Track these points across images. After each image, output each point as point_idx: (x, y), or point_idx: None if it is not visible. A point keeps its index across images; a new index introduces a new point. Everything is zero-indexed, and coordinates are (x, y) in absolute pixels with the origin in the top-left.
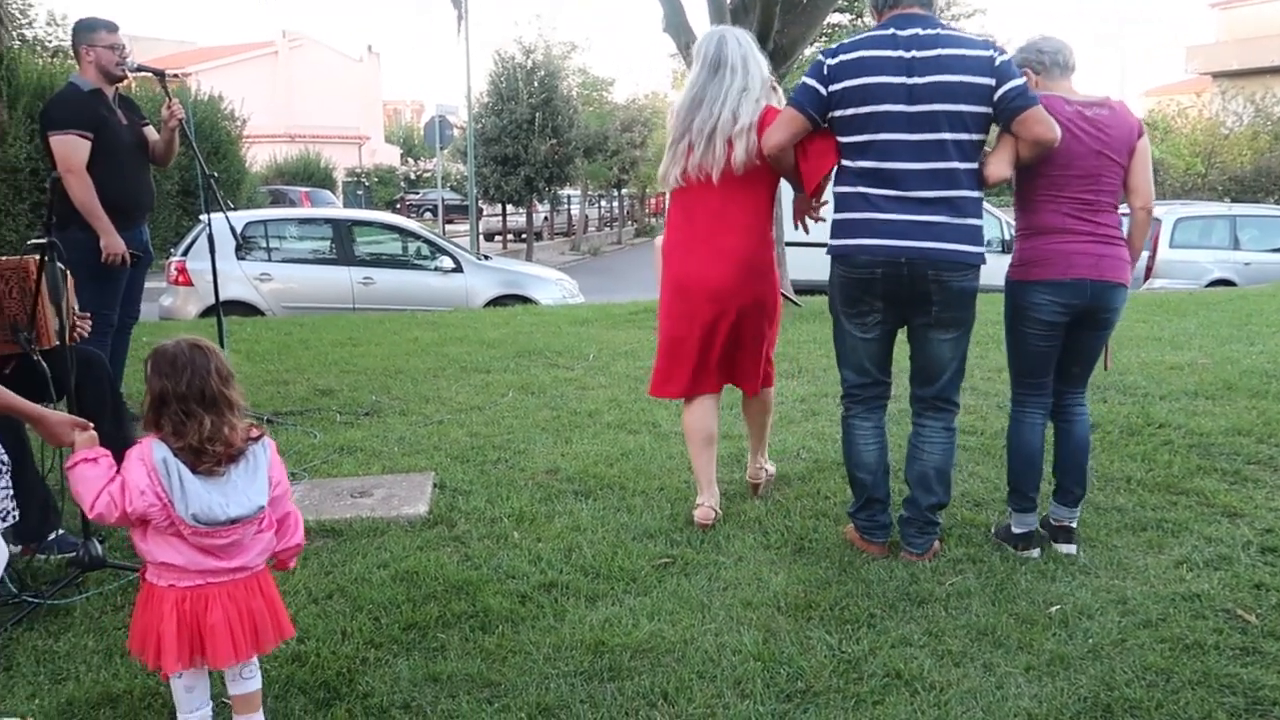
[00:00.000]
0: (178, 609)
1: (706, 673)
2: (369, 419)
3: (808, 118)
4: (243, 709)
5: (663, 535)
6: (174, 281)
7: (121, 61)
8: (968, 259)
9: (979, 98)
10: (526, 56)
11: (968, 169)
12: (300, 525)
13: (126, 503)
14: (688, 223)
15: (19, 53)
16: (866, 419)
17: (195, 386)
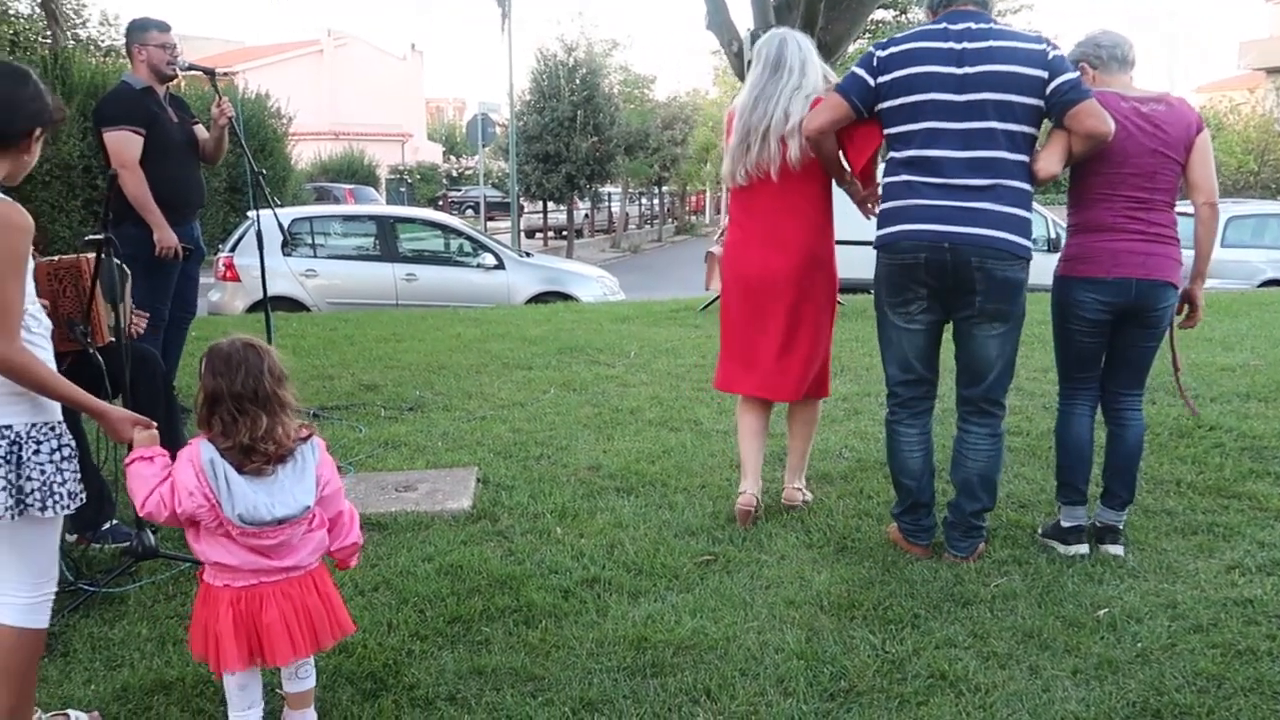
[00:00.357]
0: (234, 609)
1: (749, 670)
2: (413, 414)
3: (851, 105)
4: (296, 705)
5: (705, 533)
6: (222, 277)
7: (173, 60)
8: (1013, 248)
9: (1030, 89)
10: (568, 54)
11: (1017, 160)
12: (356, 523)
13: (175, 503)
14: (748, 218)
15: (73, 52)
16: (911, 425)
17: (248, 386)
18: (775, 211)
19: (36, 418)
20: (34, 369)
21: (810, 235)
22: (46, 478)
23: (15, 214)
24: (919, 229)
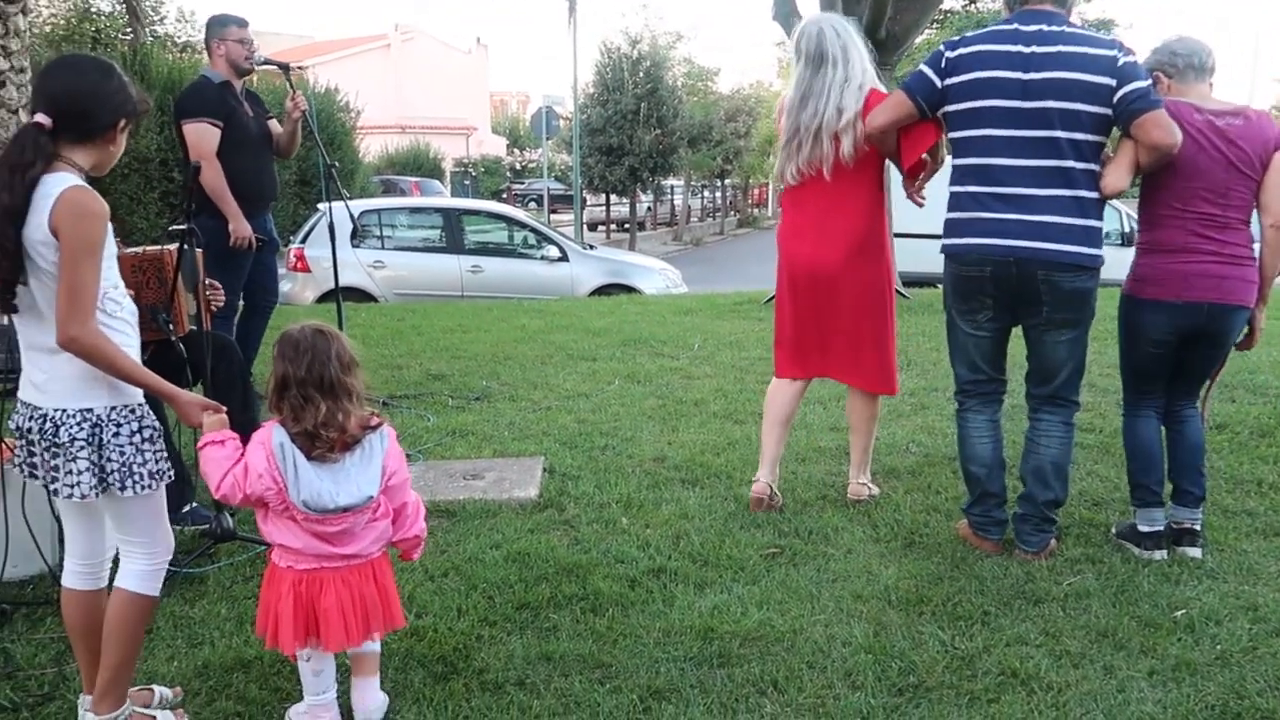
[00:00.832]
0: (295, 590)
1: (816, 663)
2: (479, 404)
3: (915, 105)
4: (360, 670)
5: (770, 525)
6: (292, 268)
7: (250, 55)
8: (1080, 260)
9: (1097, 97)
10: (632, 47)
11: (1085, 169)
12: (420, 515)
13: (247, 485)
14: (799, 211)
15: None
16: (980, 412)
17: (315, 372)
18: (826, 206)
19: (116, 400)
20: (106, 350)
21: (859, 225)
22: (126, 459)
23: (92, 200)
24: (984, 243)
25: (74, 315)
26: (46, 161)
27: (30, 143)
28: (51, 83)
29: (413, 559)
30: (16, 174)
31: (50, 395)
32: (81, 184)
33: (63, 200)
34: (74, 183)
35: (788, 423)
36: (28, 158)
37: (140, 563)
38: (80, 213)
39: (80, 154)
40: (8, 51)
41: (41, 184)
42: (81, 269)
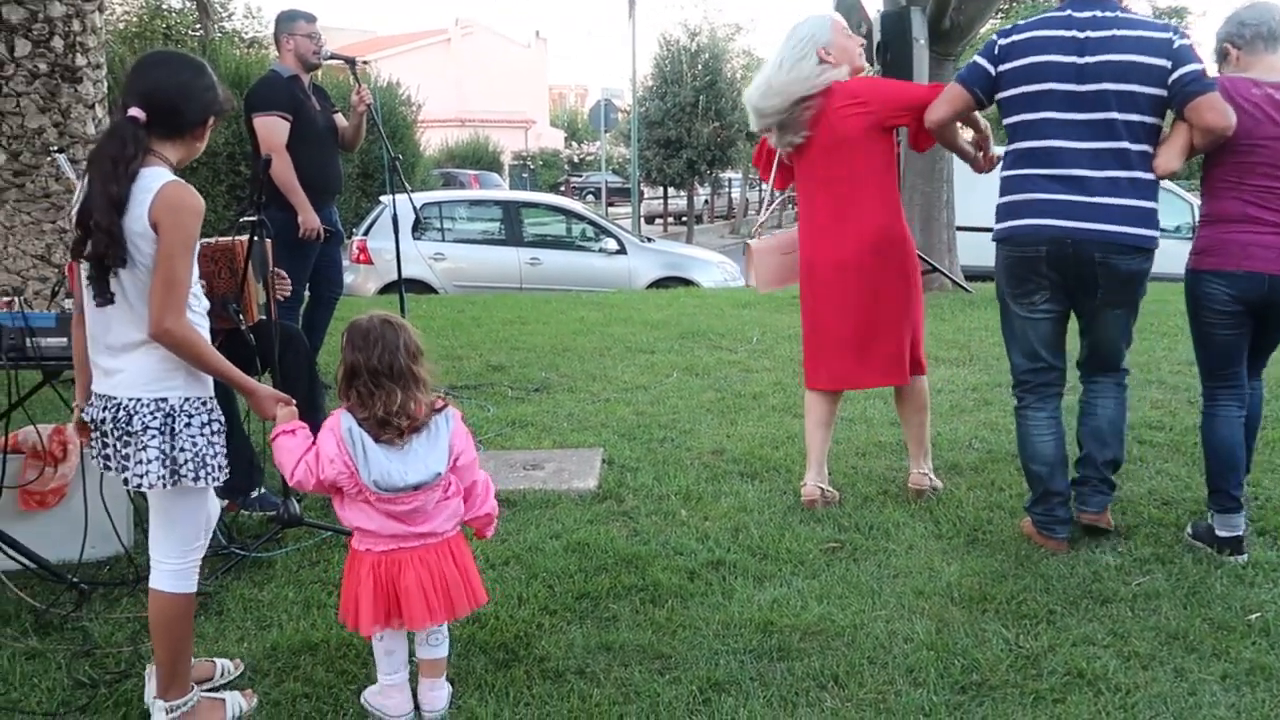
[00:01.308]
0: (374, 572)
1: (877, 659)
2: (539, 395)
3: (973, 95)
4: (428, 672)
5: (830, 520)
6: (355, 260)
7: (318, 50)
8: (1137, 241)
9: (1152, 79)
10: (691, 39)
11: (1140, 150)
12: (490, 493)
13: (320, 471)
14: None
15: (219, 44)
16: (1039, 409)
17: (384, 361)
18: (840, 195)
19: (190, 392)
20: (197, 345)
21: (879, 221)
22: (198, 449)
23: (191, 197)
24: (1039, 223)
25: (169, 309)
26: (143, 154)
27: (130, 136)
28: (145, 78)
29: (486, 536)
30: (120, 166)
31: (125, 385)
32: (178, 179)
33: (163, 195)
34: (171, 178)
35: (830, 422)
36: (129, 151)
37: (174, 562)
38: (180, 207)
39: (169, 148)
40: (85, 48)
41: (139, 177)
42: (178, 263)
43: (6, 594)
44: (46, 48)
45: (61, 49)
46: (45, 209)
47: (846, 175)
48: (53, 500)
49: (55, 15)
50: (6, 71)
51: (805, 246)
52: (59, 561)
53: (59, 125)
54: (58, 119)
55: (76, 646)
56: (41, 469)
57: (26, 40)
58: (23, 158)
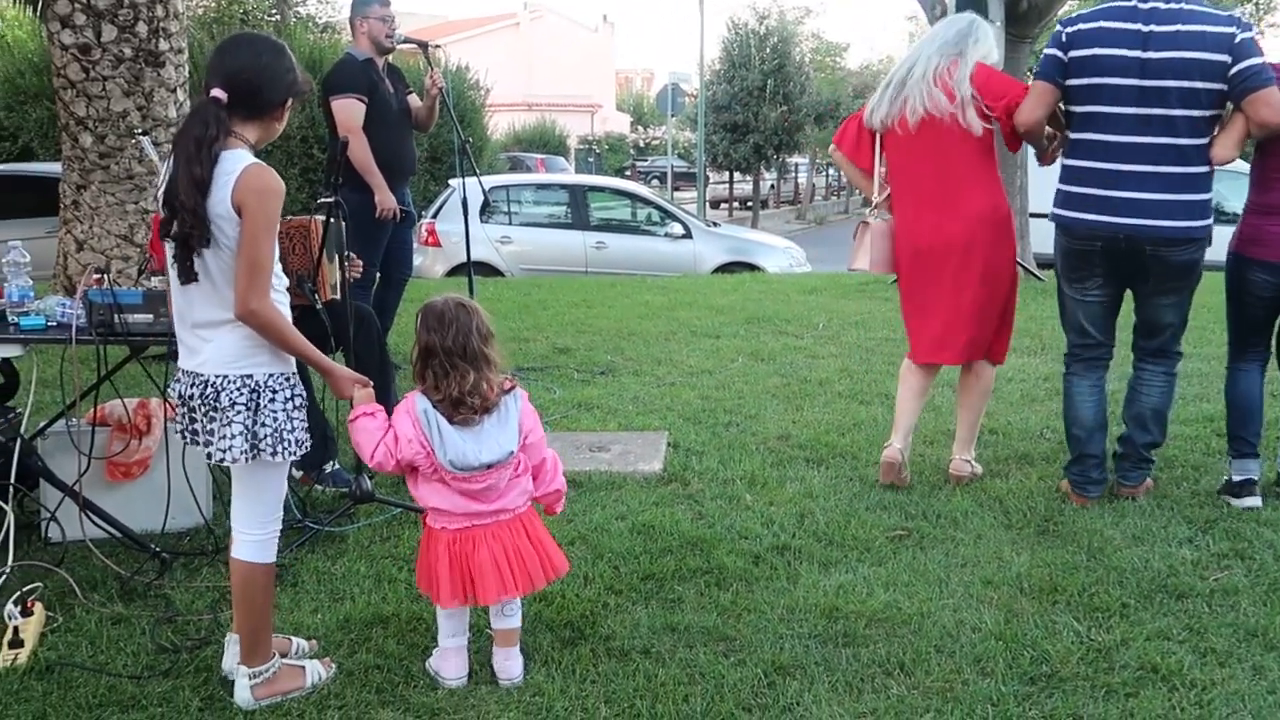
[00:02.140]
0: (449, 550)
1: (944, 647)
2: (604, 378)
3: (1057, 86)
4: (502, 642)
5: (897, 507)
6: (424, 242)
7: (391, 33)
8: (1189, 234)
9: (1213, 74)
10: (760, 22)
11: (1196, 144)
12: (559, 471)
13: (398, 452)
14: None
15: (294, 28)
16: (1085, 377)
17: (458, 342)
18: (941, 174)
19: (274, 369)
20: (279, 325)
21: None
22: (278, 425)
23: (273, 179)
24: (1095, 219)
25: (254, 289)
26: (225, 135)
27: (212, 117)
28: (228, 60)
29: (555, 512)
30: (203, 147)
31: (212, 362)
32: (260, 162)
33: (246, 177)
34: (253, 160)
35: (924, 394)
36: (211, 132)
37: (255, 533)
38: (263, 190)
39: (249, 129)
40: (167, 33)
41: (221, 159)
42: (262, 245)
43: (94, 561)
44: (131, 32)
45: (145, 34)
46: (129, 190)
47: (949, 153)
48: (137, 472)
49: (140, 1)
50: (93, 56)
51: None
52: (142, 531)
53: (142, 108)
54: (141, 102)
55: (159, 613)
56: (127, 441)
57: (112, 25)
58: (108, 140)
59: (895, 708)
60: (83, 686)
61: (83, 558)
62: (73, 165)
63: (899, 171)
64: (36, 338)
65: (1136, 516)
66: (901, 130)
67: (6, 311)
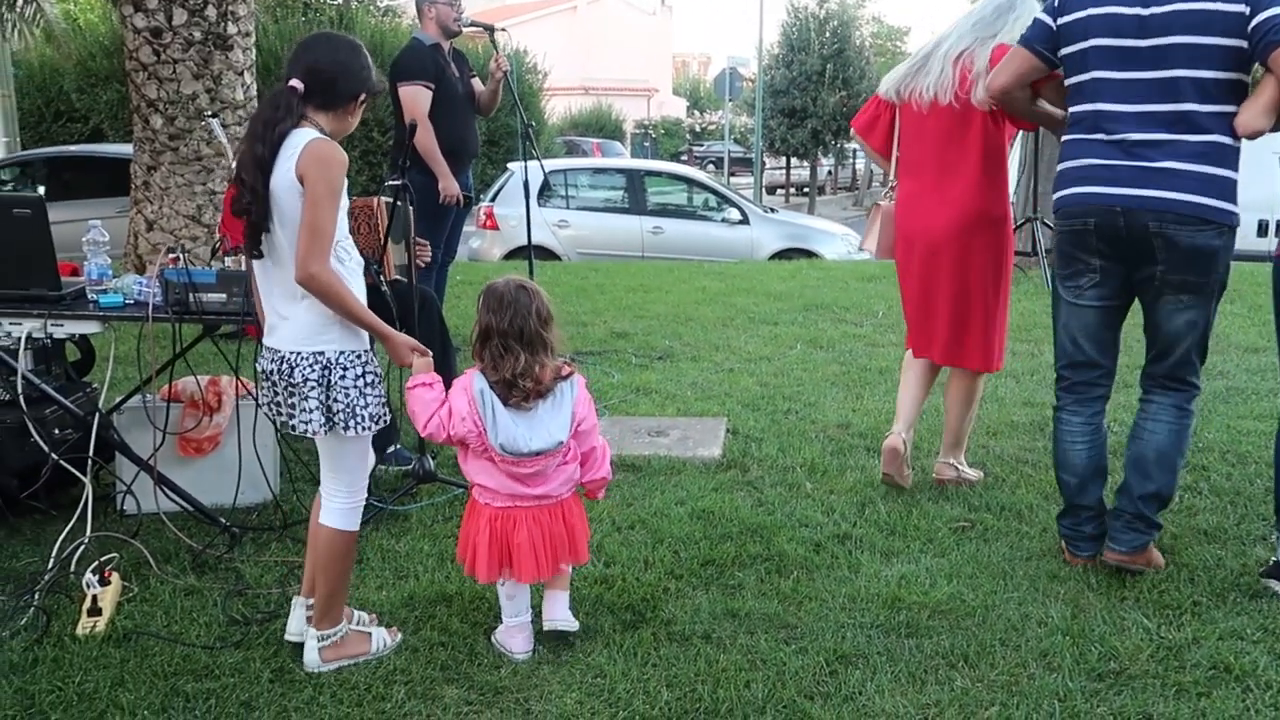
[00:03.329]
0: (491, 525)
1: (1009, 640)
2: (662, 363)
3: (1038, 55)
4: (551, 585)
5: (959, 498)
6: (482, 225)
7: (458, 17)
8: (1201, 211)
9: (1228, 28)
10: (820, 6)
11: (1211, 111)
12: (607, 458)
13: (450, 426)
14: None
15: (356, 12)
16: (1076, 413)
17: (516, 324)
18: (942, 172)
19: (345, 345)
20: (338, 290)
21: (977, 196)
22: (350, 400)
23: (336, 150)
24: (1087, 191)
25: (313, 254)
26: (295, 121)
27: (284, 103)
28: (309, 53)
29: (597, 498)
30: (269, 129)
31: (287, 339)
32: (324, 136)
33: (309, 149)
34: (317, 135)
35: (924, 383)
36: (280, 115)
37: (341, 501)
38: (324, 159)
39: (322, 119)
40: (235, 16)
41: (289, 138)
42: (323, 210)
43: (167, 534)
44: (201, 16)
45: (214, 17)
46: (197, 171)
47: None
48: (208, 447)
49: None
50: (164, 39)
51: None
52: (213, 505)
53: (211, 91)
54: (209, 85)
55: (229, 586)
56: (199, 418)
57: (183, 9)
58: (177, 122)
59: (959, 700)
60: (158, 655)
61: (156, 530)
62: (143, 147)
63: (905, 151)
64: (115, 315)
65: (1209, 514)
66: (915, 107)
67: (86, 289)
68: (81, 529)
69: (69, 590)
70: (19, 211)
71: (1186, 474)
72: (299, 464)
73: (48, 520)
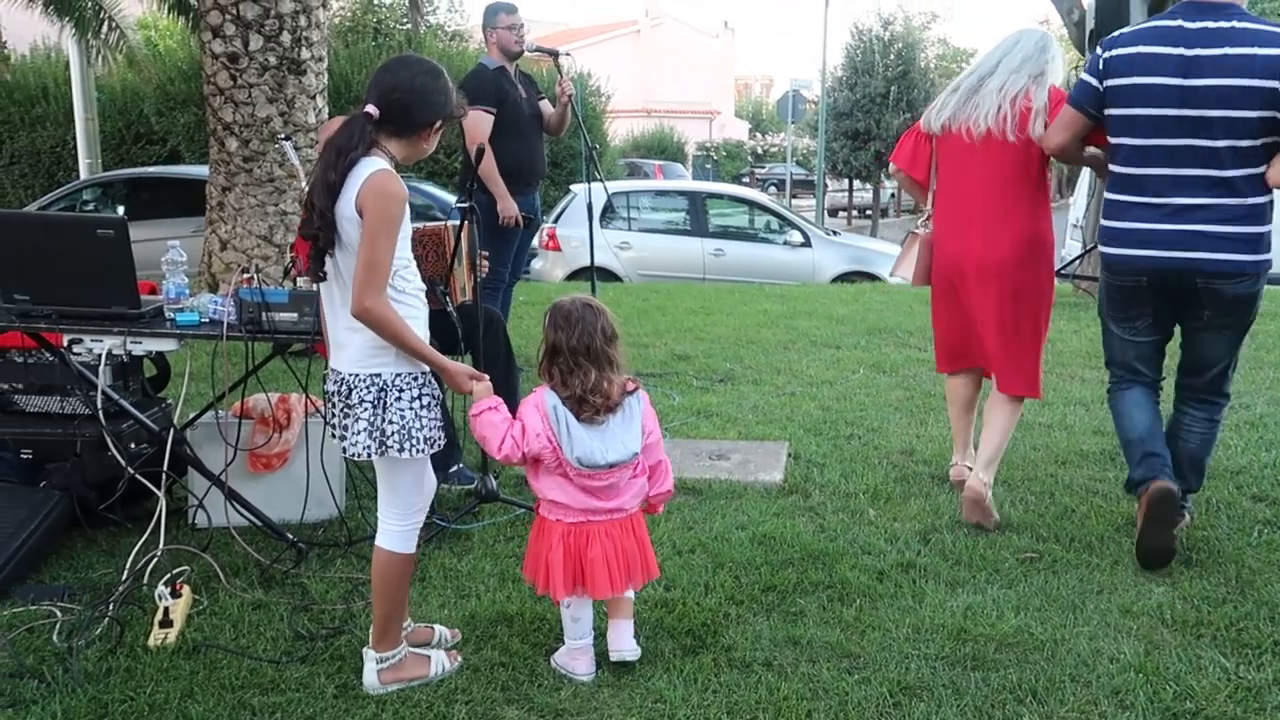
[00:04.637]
0: (564, 542)
1: (1080, 676)
2: (723, 386)
3: (1086, 115)
4: (616, 613)
5: (1027, 528)
6: (544, 246)
7: (519, 40)
8: (1242, 267)
9: (1260, 102)
10: (885, 28)
11: (1247, 175)
12: (670, 473)
13: (525, 445)
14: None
15: (424, 37)
16: (1132, 389)
17: (582, 342)
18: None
19: (402, 368)
20: (393, 323)
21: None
22: (405, 423)
23: (394, 183)
24: (1138, 254)
25: (368, 288)
26: (367, 147)
27: (358, 129)
28: (386, 78)
29: (657, 511)
30: (341, 155)
31: (347, 360)
32: (388, 168)
33: (370, 181)
34: (382, 166)
35: (971, 403)
36: (352, 142)
37: (395, 523)
38: (383, 193)
39: (395, 145)
40: (309, 42)
41: (357, 166)
42: (379, 245)
43: (235, 548)
44: (276, 42)
45: (289, 43)
46: (269, 193)
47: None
48: (276, 464)
49: (285, 11)
50: (241, 64)
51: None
52: (280, 521)
53: (284, 114)
54: (283, 109)
55: (296, 601)
56: (269, 435)
57: (259, 35)
58: (251, 145)
59: None
60: (226, 668)
61: (225, 544)
62: (219, 168)
63: (949, 181)
64: (191, 333)
65: None
66: (965, 139)
67: (165, 307)
68: (155, 542)
69: (141, 602)
70: (103, 232)
71: (1266, 507)
72: (364, 481)
73: (122, 532)
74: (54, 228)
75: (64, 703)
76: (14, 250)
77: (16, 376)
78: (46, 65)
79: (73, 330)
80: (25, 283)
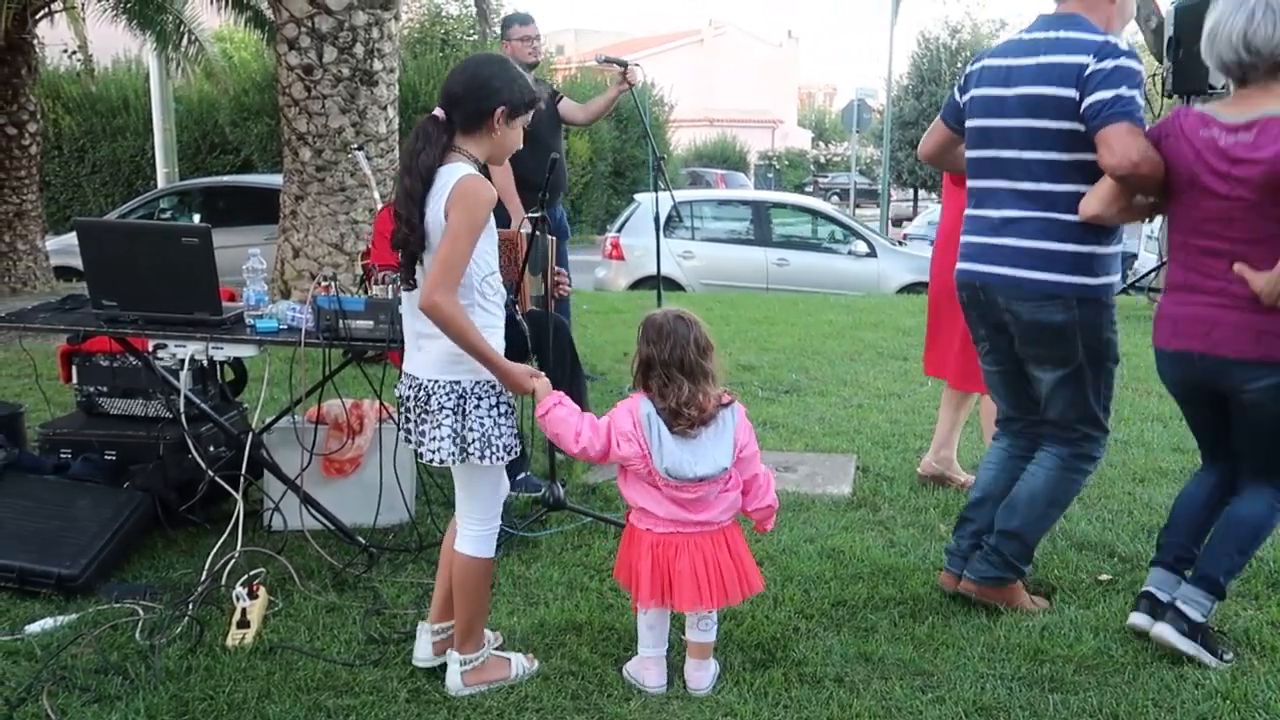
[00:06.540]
0: (652, 551)
1: (1163, 701)
2: (789, 396)
3: (949, 128)
4: (695, 654)
5: (1104, 547)
6: (608, 255)
7: (534, 52)
8: (1041, 287)
9: (1060, 112)
10: (952, 36)
11: (1065, 190)
12: (771, 487)
13: (612, 445)
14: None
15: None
16: (998, 439)
17: (675, 355)
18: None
19: (480, 376)
20: (459, 320)
21: None
22: (485, 430)
23: (483, 188)
24: (959, 268)
25: (441, 284)
26: (439, 150)
27: (423, 132)
28: (448, 79)
29: (765, 529)
30: (414, 159)
31: (425, 366)
32: (473, 172)
33: (458, 186)
34: (468, 171)
35: (958, 406)
36: (421, 146)
37: (475, 528)
38: (471, 196)
39: (471, 144)
40: (382, 53)
41: (439, 174)
42: (459, 244)
43: (309, 551)
44: (349, 54)
45: (362, 55)
46: (341, 201)
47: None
48: (349, 469)
49: (358, 24)
50: (315, 76)
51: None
52: (353, 525)
53: (356, 125)
54: (355, 119)
55: (368, 605)
56: (343, 440)
57: (333, 47)
58: (324, 154)
59: None
60: (301, 669)
61: (299, 547)
62: (293, 178)
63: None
64: (270, 339)
65: None
66: None
67: (245, 314)
68: (232, 543)
69: (220, 602)
70: (187, 240)
71: None
72: (435, 487)
73: (201, 533)
74: (142, 236)
75: (147, 699)
76: (104, 258)
77: (103, 380)
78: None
79: (158, 336)
80: (113, 289)
